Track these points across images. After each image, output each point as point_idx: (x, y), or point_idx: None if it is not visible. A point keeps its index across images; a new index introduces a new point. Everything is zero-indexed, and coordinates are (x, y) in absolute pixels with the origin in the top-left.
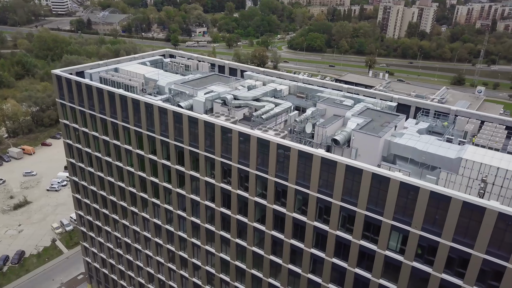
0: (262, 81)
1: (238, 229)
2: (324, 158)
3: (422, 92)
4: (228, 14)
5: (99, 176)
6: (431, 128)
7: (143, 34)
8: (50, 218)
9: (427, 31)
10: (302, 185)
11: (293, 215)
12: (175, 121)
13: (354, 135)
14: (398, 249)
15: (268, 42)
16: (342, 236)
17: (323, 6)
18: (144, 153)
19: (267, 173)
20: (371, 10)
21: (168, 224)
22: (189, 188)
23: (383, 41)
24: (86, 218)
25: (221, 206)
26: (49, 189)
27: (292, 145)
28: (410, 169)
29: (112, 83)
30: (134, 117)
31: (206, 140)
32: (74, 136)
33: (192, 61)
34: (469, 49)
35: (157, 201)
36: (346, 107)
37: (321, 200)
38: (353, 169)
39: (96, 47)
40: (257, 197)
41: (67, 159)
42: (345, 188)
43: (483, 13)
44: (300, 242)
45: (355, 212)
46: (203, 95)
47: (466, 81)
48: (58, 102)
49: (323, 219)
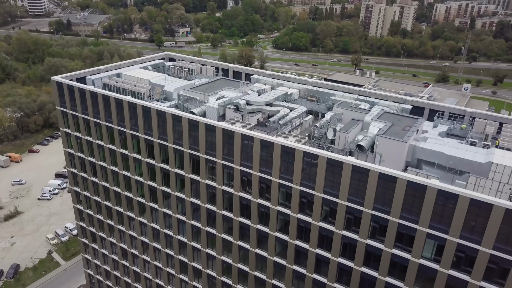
0: (270, 84)
1: (258, 239)
2: (355, 166)
3: (410, 90)
4: (211, 13)
5: (104, 186)
6: (449, 131)
7: (125, 35)
8: (44, 229)
9: (408, 29)
10: (330, 193)
11: (319, 224)
12: (190, 129)
13: (378, 140)
14: (432, 258)
15: (253, 42)
16: (372, 245)
17: (305, 5)
18: (155, 162)
19: (292, 181)
20: (352, 8)
21: (180, 235)
22: (204, 197)
23: (367, 39)
24: (89, 230)
25: (239, 215)
26: (41, 198)
27: (320, 153)
28: (437, 174)
29: (117, 90)
30: (144, 125)
31: (224, 148)
32: (76, 145)
33: (196, 65)
34: (450, 46)
35: (169, 211)
36: (364, 111)
37: (350, 209)
38: (387, 177)
39: (79, 49)
40: (279, 207)
41: (68, 169)
42: (377, 196)
43: (460, 11)
44: (327, 252)
45: (388, 221)
46: (215, 101)
47: (450, 78)
48: (58, 110)
49: (352, 229)
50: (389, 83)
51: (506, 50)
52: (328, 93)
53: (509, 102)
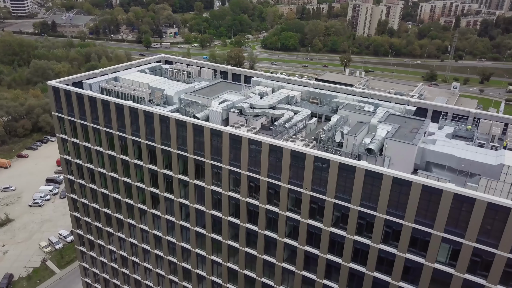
0: (271, 87)
1: (266, 245)
2: (368, 171)
3: (401, 89)
4: (198, 14)
5: (103, 193)
6: (455, 132)
7: (112, 36)
8: (37, 236)
9: (395, 28)
10: (342, 198)
11: (330, 229)
12: (195, 134)
13: (388, 143)
14: (447, 262)
15: (242, 42)
16: (385, 250)
17: (292, 5)
18: (158, 168)
19: (302, 187)
20: (339, 8)
21: (184, 242)
22: (209, 203)
23: (355, 39)
24: (86, 237)
25: (246, 222)
26: (32, 205)
27: (332, 158)
28: (448, 176)
29: (115, 94)
30: (146, 131)
31: (230, 153)
32: (73, 151)
33: (194, 68)
34: (436, 45)
35: (172, 218)
36: (369, 113)
37: (363, 213)
38: (401, 181)
39: (65, 50)
40: (288, 212)
41: (65, 176)
42: (390, 200)
43: (445, 10)
44: (338, 257)
45: (401, 225)
46: (218, 105)
47: (438, 76)
48: (54, 115)
49: (364, 234)
50: (380, 82)
51: (491, 48)
52: (331, 95)
53: (497, 100)
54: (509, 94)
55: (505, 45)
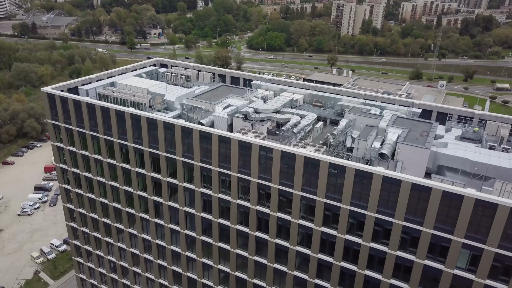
0: (272, 90)
1: (276, 254)
2: (386, 177)
3: (389, 88)
4: (182, 14)
5: (102, 202)
6: (463, 134)
7: (94, 37)
8: (28, 247)
9: (378, 27)
10: (358, 205)
11: (345, 237)
12: (202, 141)
13: (400, 147)
14: (466, 268)
15: (227, 43)
16: (402, 256)
17: (275, 5)
18: (161, 177)
19: (316, 194)
20: (322, 7)
21: (189, 251)
22: (216, 212)
23: (340, 38)
24: (84, 248)
25: (256, 230)
26: (21, 214)
27: (348, 164)
28: (462, 180)
29: (114, 100)
30: (149, 138)
31: (239, 160)
32: (70, 160)
33: (192, 71)
34: (420, 44)
35: (176, 227)
36: (377, 117)
37: (380, 220)
38: (421, 187)
39: (47, 53)
40: (300, 220)
41: (60, 185)
42: (409, 207)
43: (426, 9)
44: (352, 265)
45: (420, 232)
46: (223, 110)
47: (423, 75)
48: (49, 123)
49: (380, 241)
50: (367, 82)
51: (472, 46)
52: (334, 98)
53: (482, 98)
54: (497, 91)
55: (485, 43)
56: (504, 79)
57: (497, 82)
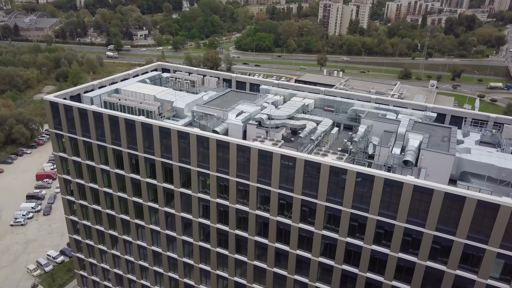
0: (281, 95)
1: (297, 265)
2: (417, 186)
3: (380, 89)
4: (167, 15)
5: (109, 214)
6: (481, 139)
7: (79, 39)
8: (23, 259)
9: (364, 27)
10: (386, 215)
11: (372, 247)
12: (219, 151)
13: (424, 154)
14: (499, 277)
15: (216, 44)
16: (433, 267)
17: (261, 5)
18: (174, 187)
19: (342, 204)
20: (308, 8)
21: (202, 263)
22: (233, 223)
23: (328, 38)
24: (88, 261)
25: (275, 241)
26: (14, 224)
27: (377, 173)
28: (488, 187)
29: (121, 108)
30: (161, 148)
31: (259, 170)
32: (74, 170)
33: (197, 76)
34: (407, 43)
35: (189, 239)
36: (395, 122)
37: (409, 230)
38: (454, 196)
39: (32, 56)
40: (324, 230)
41: (63, 197)
42: (441, 216)
43: (410, 9)
44: (379, 276)
45: (452, 242)
46: (236, 117)
47: (412, 74)
48: (52, 132)
49: (409, 251)
50: (359, 82)
51: (457, 46)
52: (347, 102)
53: (471, 97)
54: (489, 90)
55: (469, 42)
56: (490, 78)
57: (484, 80)
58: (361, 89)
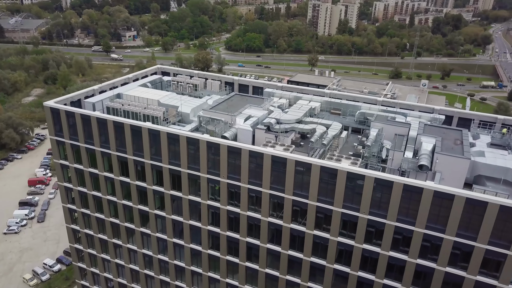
0: (286, 98)
1: (311, 272)
2: (438, 192)
3: (373, 88)
4: (155, 15)
5: (113, 222)
6: (492, 141)
7: (66, 40)
8: (18, 268)
9: (353, 27)
10: (405, 221)
11: (389, 254)
12: (230, 157)
13: (439, 158)
14: None
15: (206, 44)
16: (452, 272)
17: (250, 5)
18: (183, 195)
19: (358, 210)
20: (296, 8)
21: (211, 272)
22: (244, 231)
23: (318, 38)
24: (90, 271)
25: (288, 248)
26: (7, 232)
27: (396, 179)
28: (504, 190)
29: (125, 114)
30: (169, 154)
31: (271, 176)
32: (76, 178)
33: (199, 80)
34: (396, 43)
35: (198, 247)
36: (405, 125)
37: (428, 236)
38: (476, 202)
39: (19, 58)
40: (340, 237)
41: (63, 205)
42: (461, 222)
43: (397, 9)
44: (396, 282)
45: (473, 247)
46: (244, 122)
47: (402, 74)
48: (53, 140)
49: (428, 257)
50: (351, 82)
51: (445, 45)
52: (354, 105)
53: (461, 96)
54: (480, 89)
55: (456, 41)
56: (479, 76)
57: (473, 79)
58: (354, 89)
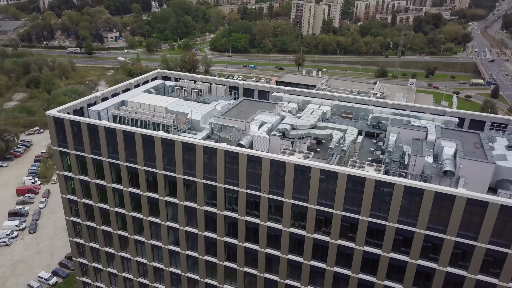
0: (295, 102)
1: (334, 283)
2: (470, 199)
3: (362, 88)
4: (137, 16)
5: (120, 235)
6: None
7: (47, 43)
8: (12, 282)
9: (336, 26)
10: (435, 229)
11: (418, 262)
12: (249, 166)
13: (463, 163)
14: None
15: (191, 45)
16: (483, 280)
17: (232, 5)
18: (198, 205)
19: (387, 219)
20: (279, 7)
21: (227, 284)
22: (263, 242)
23: (302, 38)
24: (95, 285)
25: (311, 259)
26: None
27: (427, 187)
28: None
29: (133, 122)
30: (184, 164)
31: (294, 186)
32: (81, 190)
33: (204, 84)
34: (380, 42)
35: (213, 259)
36: (422, 129)
37: (460, 244)
38: (508, 208)
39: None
40: (366, 246)
41: (67, 218)
42: (495, 229)
43: (378, 8)
44: None
45: (506, 255)
46: (259, 129)
47: (388, 72)
48: (56, 150)
49: (459, 264)
50: (339, 82)
51: (427, 43)
52: (365, 109)
53: (447, 94)
54: (474, 87)
55: (438, 40)
56: (462, 74)
57: (457, 77)
58: (343, 89)
